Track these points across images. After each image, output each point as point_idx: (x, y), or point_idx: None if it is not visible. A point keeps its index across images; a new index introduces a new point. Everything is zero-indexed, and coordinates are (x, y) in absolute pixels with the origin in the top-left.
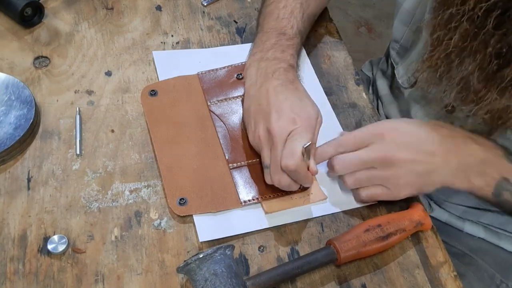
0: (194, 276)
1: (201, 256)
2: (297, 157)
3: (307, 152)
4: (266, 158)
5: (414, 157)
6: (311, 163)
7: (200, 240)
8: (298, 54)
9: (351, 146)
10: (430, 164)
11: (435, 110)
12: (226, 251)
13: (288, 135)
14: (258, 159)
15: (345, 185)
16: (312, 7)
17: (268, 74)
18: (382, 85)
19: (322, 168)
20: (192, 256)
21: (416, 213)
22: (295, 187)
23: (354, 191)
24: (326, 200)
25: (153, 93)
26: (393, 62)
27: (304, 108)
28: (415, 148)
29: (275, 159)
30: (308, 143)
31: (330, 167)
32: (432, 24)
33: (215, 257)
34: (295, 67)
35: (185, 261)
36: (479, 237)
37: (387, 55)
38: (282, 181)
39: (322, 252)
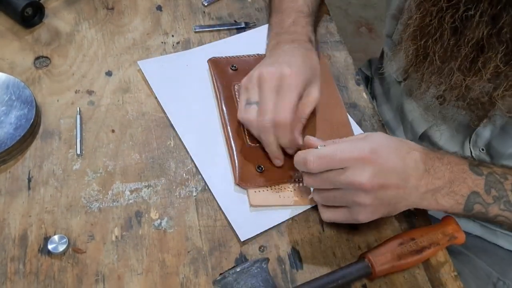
0: None
1: (238, 269)
2: (288, 113)
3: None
4: (254, 94)
5: (386, 185)
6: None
7: (242, 240)
8: (315, 32)
9: (327, 165)
10: (400, 191)
11: (426, 102)
12: (263, 265)
13: (278, 84)
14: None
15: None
16: None
17: (287, 41)
18: (377, 85)
19: None
20: (229, 269)
21: (449, 226)
22: (275, 149)
23: (319, 207)
24: (315, 204)
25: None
26: (386, 57)
27: (302, 66)
28: (389, 177)
29: (264, 106)
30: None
31: (303, 177)
32: (401, 9)
33: (252, 271)
34: (313, 41)
35: (221, 274)
36: (475, 235)
37: (382, 53)
38: (266, 133)
39: (357, 266)
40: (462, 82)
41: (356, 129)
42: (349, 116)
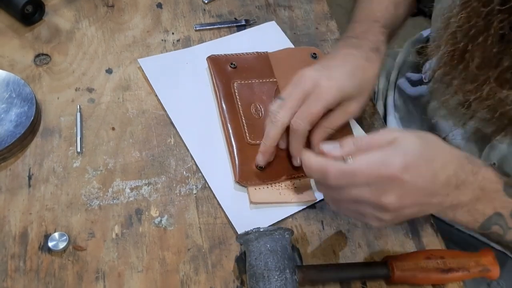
0: (250, 247)
1: (261, 230)
2: (305, 122)
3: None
4: (286, 92)
5: (410, 205)
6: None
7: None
8: (386, 45)
9: (350, 182)
10: (423, 208)
11: (451, 107)
12: (285, 234)
13: (310, 90)
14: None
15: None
16: (402, 11)
17: (352, 46)
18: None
19: None
20: (254, 228)
21: (485, 258)
22: (269, 144)
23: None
24: (315, 201)
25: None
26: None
27: (346, 80)
28: (416, 196)
29: (285, 102)
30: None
31: (316, 186)
32: (446, 6)
33: (274, 235)
34: (381, 52)
35: (245, 231)
36: (469, 234)
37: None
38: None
39: (377, 264)
40: (495, 94)
41: (354, 127)
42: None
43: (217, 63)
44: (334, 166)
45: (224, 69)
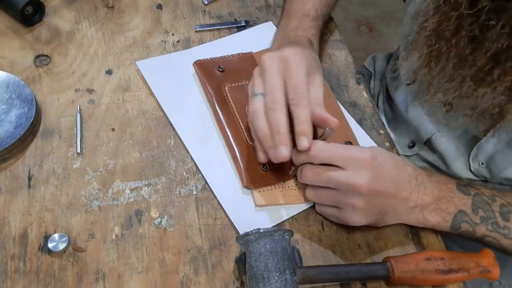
0: (250, 248)
1: (261, 231)
2: (304, 90)
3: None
4: (258, 85)
5: (380, 192)
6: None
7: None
8: (320, 37)
9: (329, 156)
10: (392, 201)
11: (432, 107)
12: (285, 235)
13: (282, 66)
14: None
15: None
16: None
17: (290, 44)
18: (380, 83)
19: None
20: (253, 229)
21: (485, 259)
22: (285, 130)
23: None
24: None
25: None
26: (400, 57)
27: (302, 53)
28: (385, 184)
29: (271, 88)
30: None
31: (299, 172)
32: (418, 10)
33: (274, 236)
34: (314, 44)
35: (245, 232)
36: None
37: (391, 55)
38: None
39: (377, 265)
40: (474, 92)
41: (355, 126)
42: (348, 113)
43: (204, 68)
44: (318, 142)
45: (213, 73)
